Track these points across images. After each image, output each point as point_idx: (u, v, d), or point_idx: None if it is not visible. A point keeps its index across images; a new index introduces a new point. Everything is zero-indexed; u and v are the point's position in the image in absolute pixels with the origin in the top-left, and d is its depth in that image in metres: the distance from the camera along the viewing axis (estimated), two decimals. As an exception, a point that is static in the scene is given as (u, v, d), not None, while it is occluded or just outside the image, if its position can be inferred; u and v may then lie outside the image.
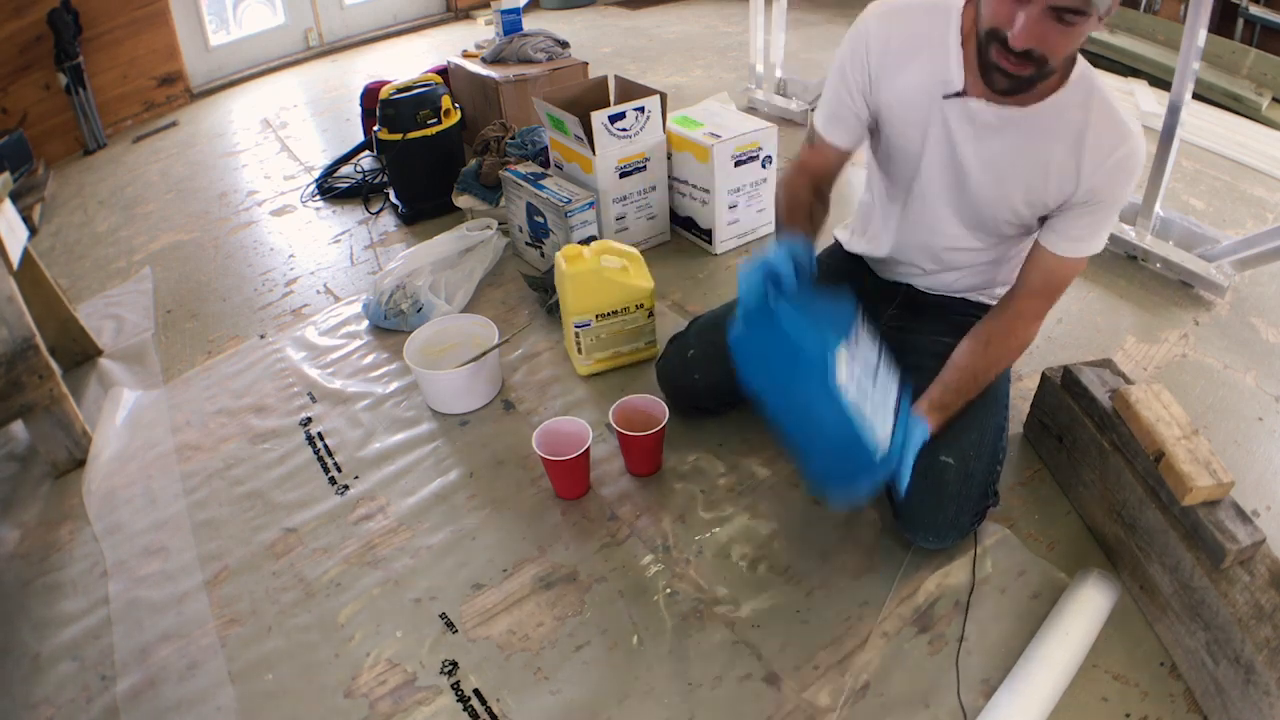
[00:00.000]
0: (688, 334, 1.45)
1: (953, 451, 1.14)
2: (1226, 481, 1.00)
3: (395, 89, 2.26)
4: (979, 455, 1.15)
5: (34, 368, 1.47)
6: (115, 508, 1.45)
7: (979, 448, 1.15)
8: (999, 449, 1.20)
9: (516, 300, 1.92)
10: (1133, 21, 3.28)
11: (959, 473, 1.13)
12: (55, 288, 1.79)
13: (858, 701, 1.02)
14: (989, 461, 1.17)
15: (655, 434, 1.32)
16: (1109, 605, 1.08)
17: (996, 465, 1.19)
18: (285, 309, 2.00)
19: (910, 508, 1.16)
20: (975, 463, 1.14)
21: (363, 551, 1.30)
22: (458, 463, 1.46)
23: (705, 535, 1.27)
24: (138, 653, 1.17)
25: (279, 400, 1.67)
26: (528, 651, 1.12)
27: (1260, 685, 0.88)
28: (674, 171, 2.00)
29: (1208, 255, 1.76)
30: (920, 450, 1.14)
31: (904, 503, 1.17)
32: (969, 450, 1.14)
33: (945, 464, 1.13)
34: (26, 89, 3.10)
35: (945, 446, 1.14)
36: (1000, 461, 1.21)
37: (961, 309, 1.33)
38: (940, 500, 1.14)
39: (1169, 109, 1.71)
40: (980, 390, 1.16)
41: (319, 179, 2.62)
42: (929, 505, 1.14)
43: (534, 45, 2.66)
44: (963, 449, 1.14)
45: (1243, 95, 2.75)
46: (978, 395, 1.18)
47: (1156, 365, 1.55)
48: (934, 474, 1.13)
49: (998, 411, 1.21)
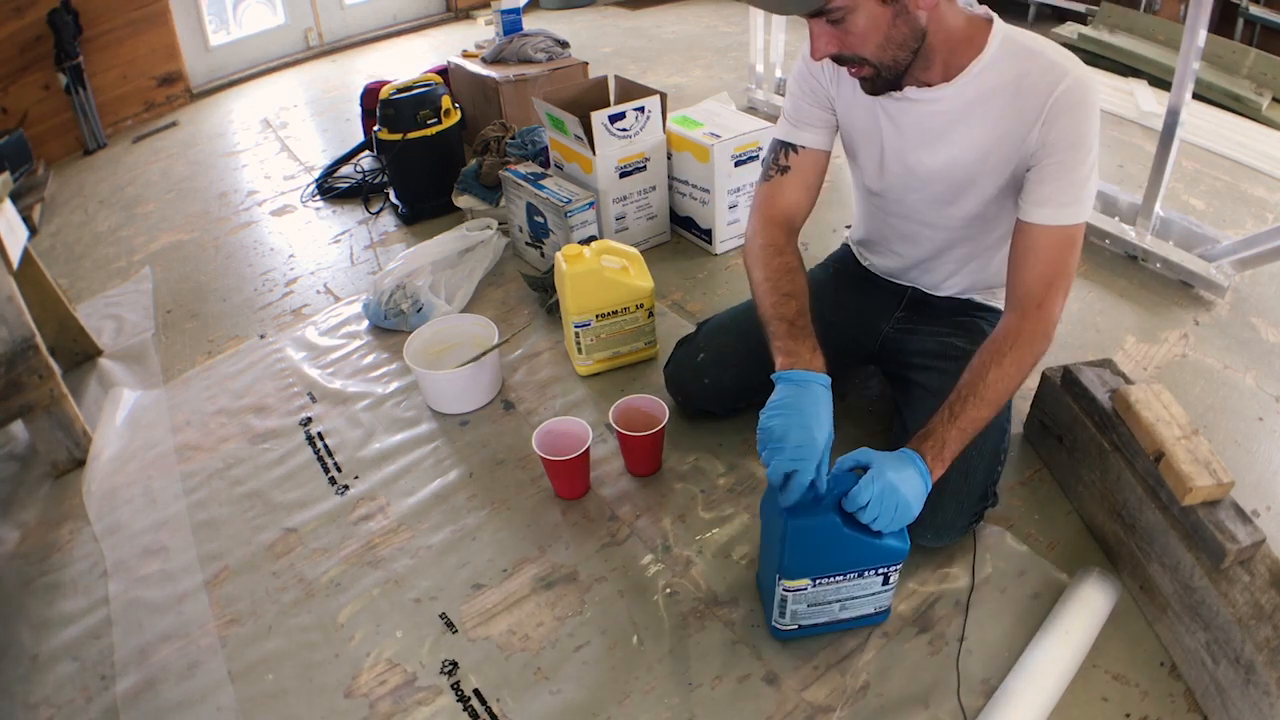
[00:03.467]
0: (696, 337, 1.45)
1: None
2: (1226, 481, 1.00)
3: (395, 89, 2.26)
4: (980, 455, 1.15)
5: (34, 368, 1.47)
6: (115, 508, 1.45)
7: (980, 448, 1.14)
8: (1000, 450, 1.19)
9: (516, 300, 1.92)
10: (1133, 21, 3.28)
11: (959, 472, 1.13)
12: (55, 288, 1.79)
13: (857, 701, 1.02)
14: (989, 462, 1.17)
15: (655, 434, 1.32)
16: (1109, 605, 1.08)
17: (997, 466, 1.19)
18: (285, 309, 2.00)
19: None
20: (976, 462, 1.14)
21: (363, 551, 1.30)
22: (458, 463, 1.46)
23: (705, 535, 1.27)
24: (137, 653, 1.17)
25: (279, 400, 1.67)
26: (528, 651, 1.12)
27: (1260, 685, 0.88)
28: (674, 171, 2.00)
29: (1208, 255, 1.76)
30: None
31: None
32: (970, 450, 1.14)
33: None
34: (26, 89, 3.11)
35: None
36: (1001, 462, 1.20)
37: (966, 310, 1.33)
38: (940, 499, 1.13)
39: (1169, 109, 1.71)
40: (996, 408, 1.04)
41: (319, 179, 2.62)
42: (928, 504, 1.14)
43: (534, 45, 2.66)
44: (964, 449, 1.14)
45: (1243, 95, 2.75)
46: None
47: (1156, 365, 1.55)
48: None
49: (999, 414, 1.20)
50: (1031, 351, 1.04)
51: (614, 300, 1.53)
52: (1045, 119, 1.02)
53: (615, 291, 1.52)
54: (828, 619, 1.05)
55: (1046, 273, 1.04)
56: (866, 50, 1.01)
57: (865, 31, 0.99)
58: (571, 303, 1.52)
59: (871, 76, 1.06)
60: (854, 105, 1.19)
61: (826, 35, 1.00)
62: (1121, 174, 2.28)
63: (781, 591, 1.01)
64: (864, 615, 1.07)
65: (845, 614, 1.05)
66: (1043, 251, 1.05)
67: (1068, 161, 1.02)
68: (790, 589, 1.00)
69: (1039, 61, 1.03)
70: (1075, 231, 1.04)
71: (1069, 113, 1.01)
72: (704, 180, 1.92)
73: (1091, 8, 3.51)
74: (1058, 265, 1.04)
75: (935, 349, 1.26)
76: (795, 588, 1.00)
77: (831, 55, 1.03)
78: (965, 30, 1.05)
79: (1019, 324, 1.05)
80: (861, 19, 0.98)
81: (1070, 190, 1.03)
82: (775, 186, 1.24)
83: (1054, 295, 1.04)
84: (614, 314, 1.55)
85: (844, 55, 1.03)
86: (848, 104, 1.20)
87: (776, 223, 1.22)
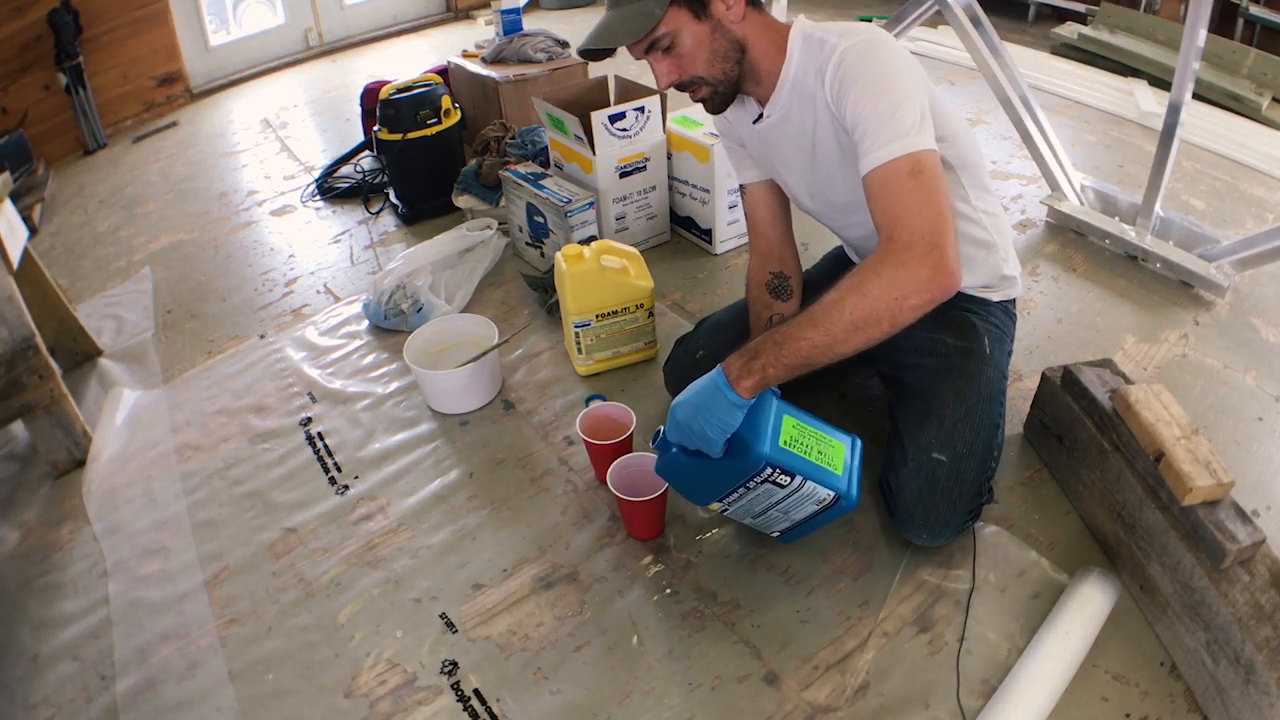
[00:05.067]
0: (696, 335, 1.45)
1: (946, 449, 1.14)
2: (1226, 481, 1.00)
3: (395, 89, 2.26)
4: (972, 453, 1.14)
5: (34, 368, 1.47)
6: (115, 508, 1.45)
7: (972, 445, 1.15)
8: (993, 446, 1.19)
9: (516, 300, 1.92)
10: (1133, 21, 3.28)
11: (951, 470, 1.13)
12: (55, 288, 1.79)
13: (858, 701, 1.02)
14: (982, 459, 1.16)
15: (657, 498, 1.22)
16: (1109, 605, 1.08)
17: (991, 463, 1.19)
18: (285, 309, 2.00)
19: (904, 505, 1.16)
20: (968, 460, 1.14)
21: (363, 551, 1.30)
22: (458, 463, 1.46)
23: (705, 535, 1.27)
24: (137, 653, 1.17)
25: (279, 400, 1.67)
26: (528, 651, 1.12)
27: (1260, 685, 0.88)
28: (674, 171, 2.00)
29: (1208, 255, 1.76)
30: (914, 448, 1.16)
31: (897, 501, 1.18)
32: (961, 448, 1.14)
33: (938, 461, 1.13)
34: (27, 89, 3.11)
35: (938, 444, 1.14)
36: (995, 459, 1.20)
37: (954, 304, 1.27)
38: (933, 498, 1.13)
39: (1169, 109, 1.71)
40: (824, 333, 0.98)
41: (319, 179, 2.62)
42: (922, 503, 1.14)
43: (534, 45, 2.66)
44: (955, 446, 1.14)
45: (1243, 95, 2.75)
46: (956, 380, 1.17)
47: (1156, 365, 1.55)
48: (926, 471, 1.13)
49: (992, 408, 1.20)
50: (877, 278, 0.96)
51: (614, 300, 1.53)
52: (834, 96, 1.07)
53: (615, 291, 1.52)
54: (790, 524, 1.15)
55: (889, 208, 1.00)
56: (699, 69, 1.12)
57: (694, 51, 1.10)
58: (571, 302, 1.52)
59: (709, 95, 1.16)
60: (752, 140, 1.28)
61: (665, 66, 1.12)
62: (1121, 174, 2.28)
63: (718, 514, 1.16)
64: (823, 512, 1.11)
65: (800, 515, 1.12)
66: (878, 192, 1.01)
67: (866, 112, 1.02)
68: (716, 511, 1.15)
69: (823, 50, 1.08)
70: (903, 162, 0.99)
71: (845, 79, 1.04)
72: (704, 180, 1.92)
73: (1091, 8, 3.50)
74: (896, 196, 0.99)
75: (925, 346, 1.26)
76: (717, 509, 1.14)
77: (674, 83, 1.14)
78: (775, 40, 1.13)
79: (871, 258, 1.00)
80: (687, 40, 1.09)
81: (881, 132, 1.00)
82: (749, 222, 1.39)
83: (902, 225, 0.97)
84: (614, 314, 1.55)
85: (683, 81, 1.13)
86: (749, 139, 1.29)
87: (759, 253, 1.37)
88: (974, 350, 1.23)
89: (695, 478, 1.10)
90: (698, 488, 1.12)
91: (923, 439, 1.15)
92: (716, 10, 1.09)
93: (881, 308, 0.95)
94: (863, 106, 1.03)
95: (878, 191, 1.01)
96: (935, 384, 1.21)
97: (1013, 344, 1.34)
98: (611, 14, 1.11)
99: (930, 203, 0.98)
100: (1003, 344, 1.28)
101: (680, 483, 1.13)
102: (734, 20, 1.10)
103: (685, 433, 1.04)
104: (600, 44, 1.11)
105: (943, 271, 0.95)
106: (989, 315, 1.29)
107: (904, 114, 1.00)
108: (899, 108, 1.00)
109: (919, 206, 0.98)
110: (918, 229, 0.96)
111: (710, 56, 1.11)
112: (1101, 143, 2.49)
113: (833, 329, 0.97)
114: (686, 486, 1.13)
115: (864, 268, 0.98)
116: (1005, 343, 1.30)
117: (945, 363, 1.22)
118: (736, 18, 1.10)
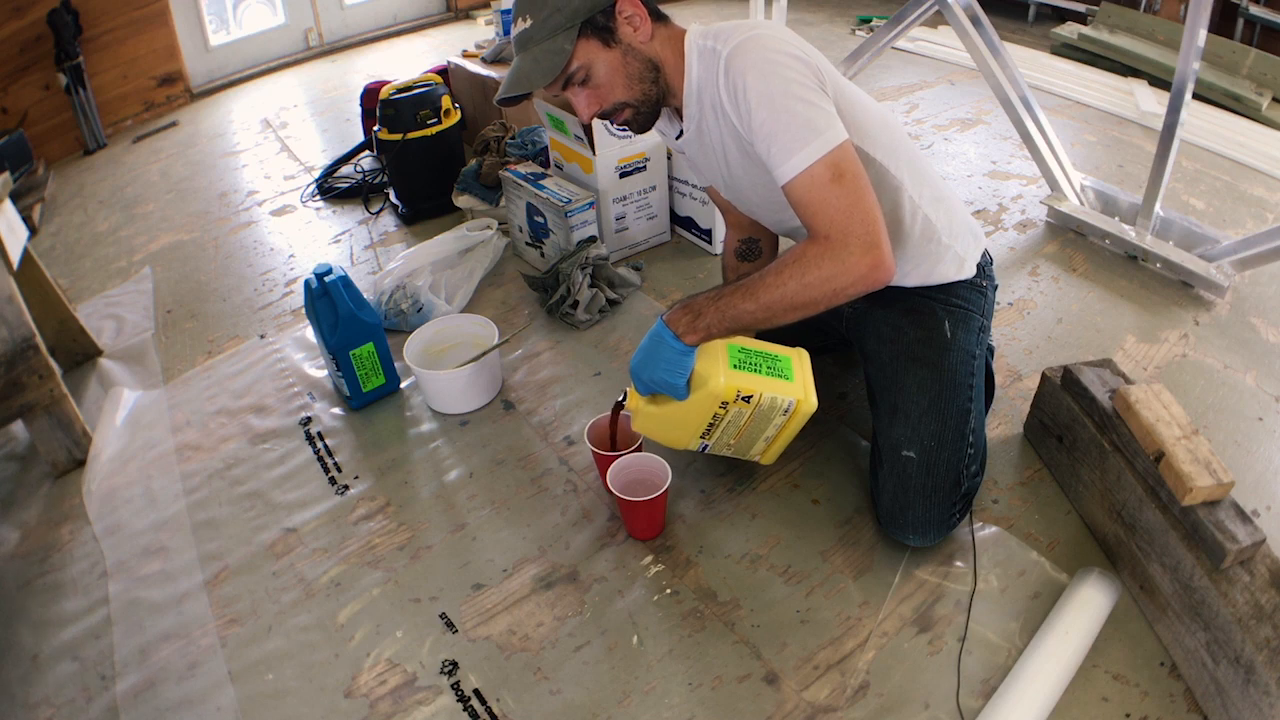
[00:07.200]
0: None
1: (913, 445, 1.13)
2: (1226, 481, 1.00)
3: (395, 89, 2.26)
4: (941, 444, 1.13)
5: (34, 368, 1.47)
6: (115, 508, 1.45)
7: (940, 437, 1.13)
8: (965, 433, 1.15)
9: (516, 300, 1.92)
10: (1133, 21, 3.28)
11: (922, 465, 1.12)
12: (55, 288, 1.79)
13: (857, 701, 1.02)
14: (954, 448, 1.14)
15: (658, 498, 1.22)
16: (1109, 605, 1.08)
17: (966, 449, 1.15)
18: (285, 309, 2.00)
19: (883, 507, 1.17)
20: (938, 453, 1.13)
21: (363, 551, 1.30)
22: (458, 463, 1.46)
23: (705, 535, 1.27)
24: (138, 653, 1.17)
25: (279, 400, 1.67)
26: (528, 651, 1.12)
27: (1260, 685, 0.88)
28: (674, 171, 2.00)
29: (1208, 255, 1.76)
30: (886, 447, 1.16)
31: (877, 503, 1.19)
32: (929, 441, 1.13)
33: (907, 459, 1.13)
34: (26, 89, 3.10)
35: (906, 441, 1.14)
36: (971, 446, 1.16)
37: (908, 297, 1.27)
38: (907, 496, 1.13)
39: (1169, 109, 1.71)
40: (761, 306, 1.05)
41: (319, 179, 2.61)
42: (898, 503, 1.14)
43: (534, 45, 2.65)
44: (923, 440, 1.13)
45: (1243, 95, 2.75)
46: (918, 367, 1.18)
47: (1156, 365, 1.55)
48: (898, 470, 1.13)
49: (958, 396, 1.16)
50: (818, 270, 1.01)
51: None
52: (730, 102, 1.06)
53: None
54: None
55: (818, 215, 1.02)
56: (619, 94, 1.13)
57: (610, 79, 1.11)
58: None
59: (632, 117, 1.16)
60: (689, 152, 1.28)
61: (583, 98, 1.13)
62: (1121, 174, 2.28)
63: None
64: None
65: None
66: (802, 201, 1.03)
67: (766, 121, 1.03)
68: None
69: (714, 57, 1.08)
70: (820, 169, 1.00)
71: (734, 87, 1.04)
72: (704, 180, 1.92)
73: (1091, 8, 3.50)
74: (824, 204, 1.01)
75: (888, 334, 1.25)
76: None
77: (597, 114, 1.14)
78: (680, 52, 1.13)
79: (806, 246, 1.03)
80: (601, 69, 1.10)
81: (787, 139, 1.01)
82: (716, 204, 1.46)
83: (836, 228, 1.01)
84: None
85: (605, 109, 1.14)
86: (680, 152, 1.31)
87: (730, 224, 1.44)
88: (934, 338, 1.21)
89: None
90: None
91: (893, 437, 1.16)
92: (624, 35, 1.10)
93: (819, 295, 1.03)
94: (757, 112, 1.03)
95: (802, 201, 1.03)
96: (898, 376, 1.20)
97: (987, 318, 1.29)
98: (522, 57, 1.10)
99: (859, 204, 1.01)
100: (968, 324, 1.24)
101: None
102: (643, 41, 1.11)
103: (651, 385, 1.14)
104: (518, 90, 1.11)
105: (880, 267, 1.02)
106: (950, 296, 1.25)
107: (801, 112, 1.01)
108: (792, 109, 1.01)
109: (849, 210, 1.01)
110: (852, 231, 1.01)
111: (627, 81, 1.12)
112: (1101, 143, 2.49)
113: (773, 306, 1.05)
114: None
115: (805, 256, 1.02)
116: (972, 320, 1.25)
117: (906, 351, 1.21)
118: (645, 38, 1.11)
